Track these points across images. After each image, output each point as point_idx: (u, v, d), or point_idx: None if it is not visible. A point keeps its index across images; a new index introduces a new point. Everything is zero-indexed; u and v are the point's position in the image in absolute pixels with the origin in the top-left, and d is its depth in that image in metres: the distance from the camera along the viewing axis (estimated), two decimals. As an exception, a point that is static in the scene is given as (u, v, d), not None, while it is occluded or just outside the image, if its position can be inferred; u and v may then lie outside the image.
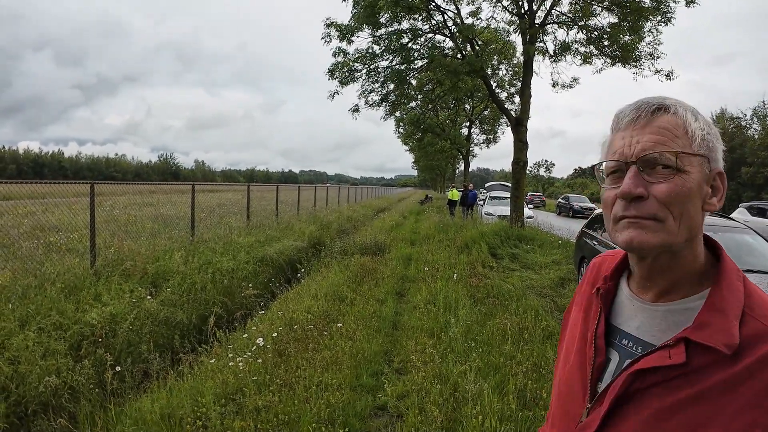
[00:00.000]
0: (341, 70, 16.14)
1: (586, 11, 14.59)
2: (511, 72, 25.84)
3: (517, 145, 15.66)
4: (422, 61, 16.71)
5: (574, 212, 32.15)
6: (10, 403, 4.09)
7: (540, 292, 8.73)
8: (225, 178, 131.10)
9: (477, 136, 39.69)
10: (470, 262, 10.48)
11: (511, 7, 16.03)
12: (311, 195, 21.82)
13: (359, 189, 42.30)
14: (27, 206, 11.47)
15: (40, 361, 4.50)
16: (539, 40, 15.91)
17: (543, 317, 6.48)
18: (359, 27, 15.39)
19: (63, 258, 7.46)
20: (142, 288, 6.59)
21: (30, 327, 4.93)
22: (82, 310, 5.60)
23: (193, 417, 3.67)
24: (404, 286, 8.60)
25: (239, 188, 27.00)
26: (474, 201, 23.58)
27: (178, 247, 8.85)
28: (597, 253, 7.81)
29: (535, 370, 4.66)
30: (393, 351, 5.53)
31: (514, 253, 12.30)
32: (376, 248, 11.75)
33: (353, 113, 17.51)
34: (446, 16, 15.72)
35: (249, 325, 6.16)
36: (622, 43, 14.51)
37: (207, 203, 15.70)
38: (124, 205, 13.93)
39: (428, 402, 3.99)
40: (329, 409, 3.90)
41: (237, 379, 4.30)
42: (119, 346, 5.22)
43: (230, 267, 8.26)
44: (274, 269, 9.64)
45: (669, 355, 0.76)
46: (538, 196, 49.05)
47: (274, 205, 16.07)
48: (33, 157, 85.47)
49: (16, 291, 5.66)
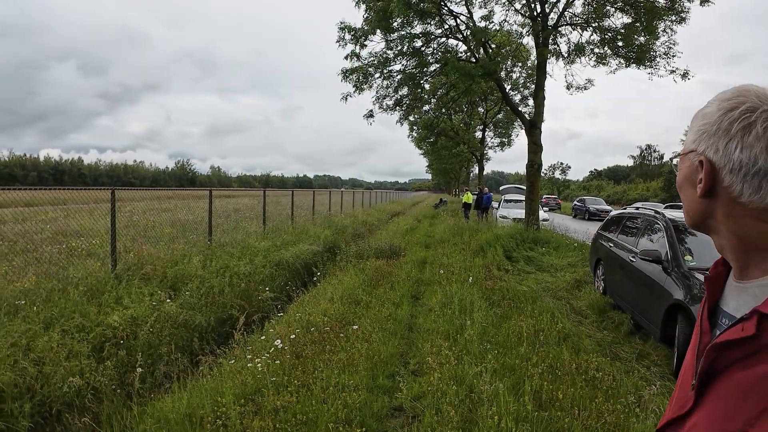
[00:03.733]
0: (355, 75, 16.24)
1: (600, 12, 14.52)
2: (524, 74, 25.78)
3: (531, 147, 15.61)
4: (436, 64, 16.77)
5: (589, 215, 31.94)
6: (35, 402, 4.20)
7: (555, 295, 8.71)
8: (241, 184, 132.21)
9: (491, 139, 39.59)
10: (485, 265, 10.48)
11: (524, 9, 16.02)
12: (326, 199, 21.96)
13: (373, 193, 42.38)
14: (49, 212, 11.75)
15: (64, 362, 4.61)
16: (552, 42, 15.87)
17: (559, 319, 6.48)
18: (372, 31, 15.50)
19: (85, 262, 7.63)
20: (162, 291, 6.71)
21: (54, 329, 5.05)
22: (104, 312, 5.73)
23: (214, 417, 3.74)
24: (419, 289, 8.63)
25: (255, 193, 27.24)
26: (489, 204, 23.52)
27: (197, 251, 8.98)
28: (613, 255, 7.78)
29: (551, 372, 4.67)
30: (409, 353, 5.58)
31: (529, 255, 12.27)
32: (391, 252, 11.80)
33: (368, 118, 17.61)
34: (459, 20, 15.76)
35: (266, 327, 6.25)
36: (637, 43, 14.41)
37: (223, 208, 15.88)
38: (142, 210, 14.16)
39: (444, 403, 4.03)
40: (346, 410, 3.95)
41: (255, 379, 4.37)
42: (140, 348, 5.32)
43: (247, 271, 8.37)
44: (291, 273, 9.74)
45: (742, 328, 0.77)
46: (554, 199, 48.72)
47: (289, 210, 16.21)
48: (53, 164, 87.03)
49: (40, 294, 5.80)
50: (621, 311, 7.12)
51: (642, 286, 6.34)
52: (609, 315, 7.20)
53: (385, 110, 17.75)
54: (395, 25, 15.27)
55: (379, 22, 14.91)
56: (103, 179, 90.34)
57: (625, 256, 7.22)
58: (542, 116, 15.76)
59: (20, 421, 3.96)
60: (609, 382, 4.49)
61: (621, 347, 6.10)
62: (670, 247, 6.04)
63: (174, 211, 15.21)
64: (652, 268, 6.11)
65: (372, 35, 15.68)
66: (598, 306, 7.57)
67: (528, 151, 15.72)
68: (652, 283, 5.99)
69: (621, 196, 66.40)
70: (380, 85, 16.97)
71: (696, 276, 5.27)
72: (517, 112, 17.96)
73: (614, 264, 7.71)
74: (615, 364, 5.34)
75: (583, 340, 5.97)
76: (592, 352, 5.47)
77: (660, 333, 5.60)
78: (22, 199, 13.23)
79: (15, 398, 4.09)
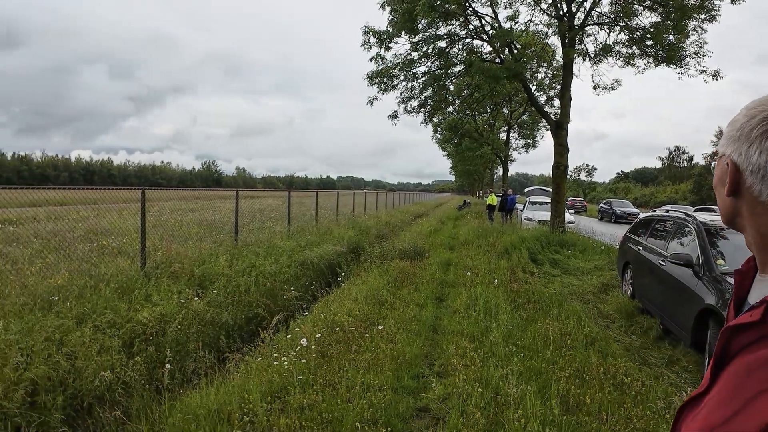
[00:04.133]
0: (380, 77, 16.29)
1: (628, 11, 14.26)
2: (550, 75, 25.52)
3: (557, 149, 15.45)
4: (460, 66, 16.71)
5: (616, 217, 31.43)
6: (68, 395, 4.32)
7: (582, 298, 8.60)
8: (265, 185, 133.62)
9: (516, 140, 39.24)
10: (510, 267, 10.39)
11: (550, 9, 15.85)
12: (350, 200, 22.04)
13: (397, 194, 42.38)
14: (80, 211, 12.03)
15: (96, 356, 4.72)
16: (579, 42, 15.67)
17: (586, 323, 6.40)
18: (397, 33, 15.53)
19: (115, 260, 7.80)
20: (190, 289, 6.82)
21: (86, 324, 5.18)
22: (134, 309, 5.85)
23: (241, 413, 3.80)
24: (444, 290, 8.61)
25: (279, 194, 27.53)
26: (513, 206, 23.33)
27: (223, 250, 9.11)
28: (641, 258, 7.65)
29: (578, 376, 4.62)
30: (433, 354, 5.57)
31: (555, 258, 12.13)
32: (415, 253, 11.79)
33: (392, 120, 17.64)
34: (483, 21, 15.69)
35: (292, 326, 6.30)
36: (666, 43, 14.14)
37: (249, 209, 16.06)
38: (170, 210, 14.41)
39: (470, 405, 4.01)
40: (372, 410, 3.96)
41: (282, 377, 4.42)
42: (168, 345, 5.42)
43: (272, 270, 8.45)
44: (315, 273, 9.81)
45: (751, 314, 0.83)
46: (579, 201, 48.02)
47: (313, 211, 16.31)
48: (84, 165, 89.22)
49: (73, 291, 5.96)
50: (650, 316, 6.98)
51: (672, 290, 6.21)
52: (637, 319, 7.07)
53: (410, 112, 17.77)
54: (420, 27, 15.26)
55: (403, 24, 14.94)
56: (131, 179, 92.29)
57: (655, 259, 7.08)
58: (568, 117, 15.58)
59: (53, 413, 4.08)
60: (638, 388, 4.42)
61: (650, 352, 5.99)
62: (701, 250, 5.91)
63: (200, 211, 15.46)
64: (682, 272, 5.98)
65: (397, 37, 15.73)
66: (626, 310, 7.44)
67: (554, 153, 15.56)
68: (682, 287, 5.87)
69: (649, 198, 65.23)
70: (405, 86, 17.01)
71: (728, 280, 5.14)
72: (542, 113, 17.78)
73: (643, 267, 7.57)
74: (644, 369, 5.25)
75: (611, 344, 5.88)
76: (620, 356, 5.39)
77: (690, 338, 5.48)
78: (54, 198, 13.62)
79: (48, 391, 4.21)
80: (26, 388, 4.09)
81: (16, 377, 4.10)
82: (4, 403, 3.87)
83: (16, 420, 3.87)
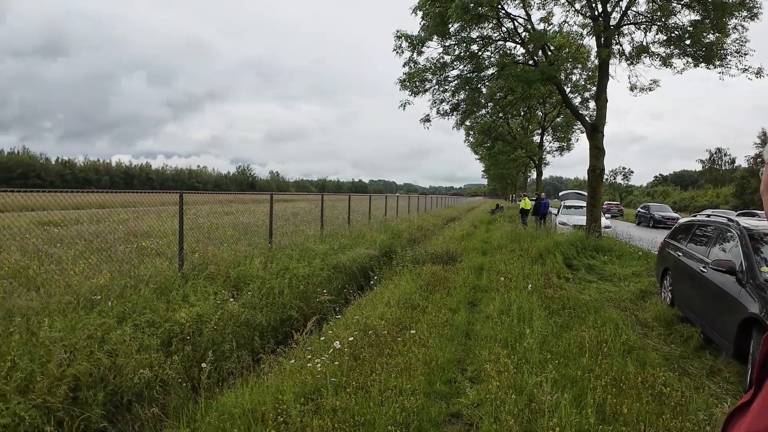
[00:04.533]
0: (412, 81, 16.30)
1: (665, 9, 13.88)
2: (585, 76, 25.07)
3: (593, 152, 15.16)
4: (492, 69, 16.58)
5: (654, 222, 30.61)
6: (108, 392, 4.47)
7: (619, 305, 8.42)
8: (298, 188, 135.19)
9: (549, 143, 38.65)
10: (544, 272, 10.25)
11: (585, 9, 15.58)
12: (382, 204, 22.08)
13: (428, 198, 42.28)
14: (120, 213, 12.41)
15: (136, 354, 4.88)
16: (615, 43, 15.34)
17: (623, 331, 6.26)
18: (429, 37, 15.53)
19: (154, 261, 8.02)
20: (226, 291, 6.96)
21: (127, 323, 5.35)
22: (171, 309, 6.01)
23: (275, 413, 3.85)
24: (476, 295, 8.54)
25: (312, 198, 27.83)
26: (546, 210, 22.99)
27: (258, 253, 9.26)
28: (681, 265, 7.43)
29: (615, 385, 4.52)
30: (466, 359, 5.54)
31: (590, 264, 11.90)
32: (448, 257, 11.74)
33: (425, 123, 17.62)
34: (516, 23, 15.53)
35: (325, 329, 6.35)
36: (706, 42, 13.71)
37: (283, 212, 16.27)
38: (206, 213, 14.71)
39: (503, 411, 3.97)
40: (404, 414, 3.96)
41: (315, 379, 4.46)
42: (204, 345, 5.55)
43: (306, 273, 8.54)
44: (347, 276, 9.87)
45: None
46: (615, 205, 46.93)
47: (345, 214, 16.42)
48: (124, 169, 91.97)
49: (114, 290, 6.15)
50: (690, 324, 6.78)
51: (713, 298, 6.01)
52: (677, 328, 6.88)
53: (442, 115, 17.71)
54: (452, 30, 15.21)
55: (435, 28, 14.93)
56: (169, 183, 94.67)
57: (695, 266, 6.87)
58: (604, 119, 15.27)
59: (94, 408, 4.22)
60: (677, 398, 4.29)
61: (690, 362, 5.82)
62: (745, 257, 5.71)
63: (235, 215, 15.72)
64: (724, 279, 5.78)
65: (429, 41, 15.71)
66: (664, 318, 7.25)
67: (589, 156, 15.27)
68: (724, 295, 5.67)
69: (688, 202, 63.33)
70: (437, 89, 16.96)
71: (773, 288, 4.96)
72: (578, 115, 17.49)
73: (683, 274, 7.36)
74: (683, 379, 5.10)
75: (649, 353, 5.74)
76: (659, 366, 5.24)
77: (733, 348, 5.29)
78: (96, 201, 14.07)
79: (90, 387, 4.37)
80: (69, 384, 4.25)
81: (59, 373, 4.26)
82: (48, 398, 4.03)
83: (59, 414, 4.02)
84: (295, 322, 6.97)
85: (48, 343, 4.54)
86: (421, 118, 17.58)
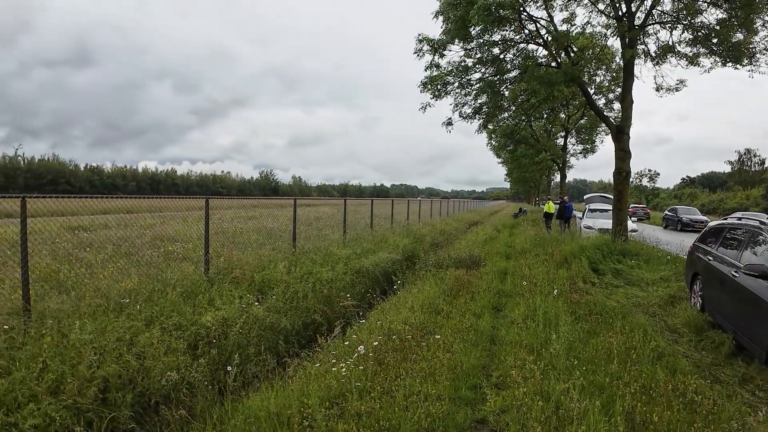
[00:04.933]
0: (434, 84, 16.28)
1: (691, 8, 13.58)
2: (609, 77, 24.74)
3: (618, 154, 14.91)
4: (515, 71, 16.46)
5: (682, 225, 30.00)
6: (136, 393, 4.56)
7: (647, 311, 8.26)
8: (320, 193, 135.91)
9: (573, 146, 38.21)
10: (570, 277, 10.11)
11: (608, 10, 15.36)
12: (404, 208, 22.08)
13: (451, 202, 42.12)
14: (147, 218, 12.61)
15: (163, 357, 4.96)
16: (640, 43, 15.09)
17: (652, 337, 6.13)
18: (450, 41, 15.48)
19: (180, 265, 8.14)
20: (251, 294, 7.04)
21: (154, 326, 5.45)
22: (198, 312, 6.10)
23: (300, 417, 3.87)
24: (500, 300, 8.47)
25: (334, 202, 27.93)
26: (570, 214, 22.70)
27: (282, 257, 9.34)
28: (712, 269, 7.26)
29: (645, 393, 4.43)
30: (491, 365, 5.49)
31: (617, 268, 11.70)
32: (471, 262, 11.66)
33: (446, 126, 17.57)
34: (539, 25, 15.38)
35: (348, 333, 6.36)
36: (734, 40, 13.39)
37: (305, 217, 16.37)
38: (230, 218, 14.88)
39: (530, 418, 3.92)
40: (429, 419, 3.94)
41: (339, 384, 4.47)
42: (230, 348, 5.62)
43: (329, 277, 8.58)
44: (371, 280, 9.89)
45: None
46: (642, 208, 46.10)
47: (368, 219, 16.45)
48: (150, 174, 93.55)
49: (142, 294, 6.26)
50: (721, 330, 6.60)
51: (746, 303, 5.84)
52: (707, 334, 6.70)
53: (465, 118, 17.63)
54: (473, 33, 15.14)
55: (457, 32, 14.88)
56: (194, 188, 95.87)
57: (727, 270, 6.69)
58: (630, 120, 15.03)
59: (122, 410, 4.31)
60: (709, 407, 4.18)
61: (722, 369, 5.67)
62: (779, 261, 5.55)
63: (259, 219, 15.87)
64: (757, 284, 5.62)
65: (450, 45, 15.67)
66: (695, 324, 7.07)
67: (615, 158, 15.03)
68: (757, 300, 5.51)
69: (717, 205, 61.80)
70: (458, 92, 16.90)
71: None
72: (602, 116, 17.23)
73: (714, 279, 7.18)
74: (715, 387, 4.98)
75: (680, 360, 5.61)
76: (690, 373, 5.12)
77: (766, 355, 5.14)
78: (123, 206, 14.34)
79: (118, 388, 4.46)
80: (99, 386, 4.34)
81: (89, 375, 4.37)
82: (79, 399, 4.12)
83: (88, 415, 4.10)
84: (319, 327, 7.01)
85: (78, 345, 4.64)
86: (443, 121, 17.54)
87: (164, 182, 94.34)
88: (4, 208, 6.94)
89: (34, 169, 69.30)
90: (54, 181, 70.16)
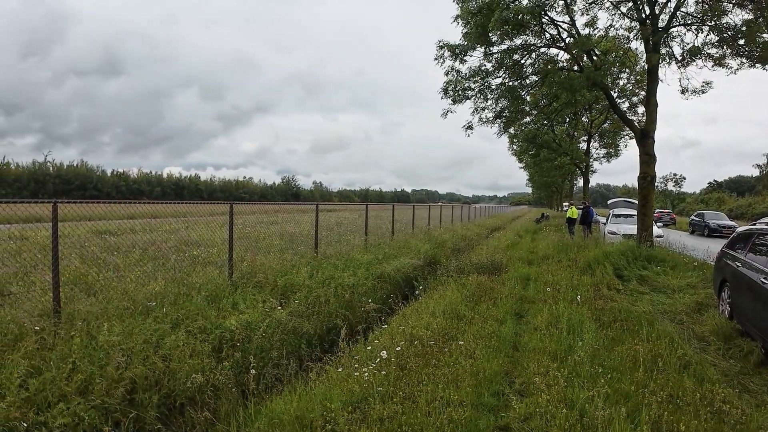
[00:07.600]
0: (454, 89, 16.26)
1: (716, 9, 13.33)
2: (633, 80, 24.40)
3: (643, 158, 14.69)
4: (536, 76, 16.36)
5: (710, 231, 29.36)
6: (162, 395, 4.65)
7: (674, 318, 8.12)
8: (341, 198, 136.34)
9: (596, 150, 37.70)
10: (594, 283, 9.99)
11: (631, 13, 15.18)
12: (425, 214, 22.06)
13: (471, 207, 41.93)
14: (171, 223, 12.84)
15: (188, 359, 5.05)
16: (664, 45, 14.87)
17: (679, 345, 6.02)
18: (471, 46, 15.45)
19: (205, 269, 8.27)
20: (274, 299, 7.12)
21: (180, 329, 5.56)
22: (222, 316, 6.20)
23: (323, 421, 3.90)
24: (523, 306, 8.40)
25: (355, 207, 28.04)
26: (593, 218, 22.40)
27: (304, 262, 9.42)
28: (740, 276, 7.10)
29: (671, 401, 4.35)
30: (514, 372, 5.44)
31: (642, 275, 11.52)
32: (493, 267, 11.60)
33: (466, 130, 17.53)
34: (560, 29, 15.27)
35: (371, 338, 6.39)
36: (761, 41, 13.09)
37: (327, 222, 16.47)
38: (253, 223, 15.05)
39: (553, 426, 3.89)
40: (452, 425, 3.93)
41: (362, 388, 4.49)
42: (253, 351, 5.68)
43: (351, 282, 8.63)
44: (392, 286, 9.90)
45: None
46: (667, 214, 45.26)
47: (389, 224, 16.48)
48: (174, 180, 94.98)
49: (168, 297, 6.38)
50: (750, 338, 6.45)
51: (777, 311, 5.71)
52: (736, 342, 6.56)
53: (485, 123, 17.59)
54: (493, 39, 15.09)
55: (477, 38, 14.84)
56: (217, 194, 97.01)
57: (756, 277, 6.54)
58: (654, 124, 14.79)
59: (149, 411, 4.41)
60: (738, 416, 4.10)
61: (750, 378, 5.54)
62: (811, 268, 5.41)
63: (281, 224, 16.03)
64: (789, 291, 5.49)
65: (471, 51, 15.64)
66: (723, 332, 6.93)
67: (640, 163, 14.81)
68: (789, 308, 5.39)
69: (745, 209, 60.26)
70: (479, 97, 16.85)
71: None
72: (626, 120, 17.00)
73: (742, 286, 7.02)
74: (743, 396, 4.88)
75: (707, 368, 5.50)
76: (718, 382, 5.02)
77: (798, 364, 5.01)
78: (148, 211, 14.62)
79: (145, 390, 4.56)
80: (126, 387, 4.44)
81: (117, 376, 4.48)
82: (107, 399, 4.23)
83: (116, 415, 4.20)
84: (341, 331, 7.05)
85: (107, 347, 4.76)
86: (463, 125, 17.52)
87: (188, 188, 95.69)
88: (35, 212, 7.13)
89: (62, 175, 70.96)
90: (82, 186, 71.73)
